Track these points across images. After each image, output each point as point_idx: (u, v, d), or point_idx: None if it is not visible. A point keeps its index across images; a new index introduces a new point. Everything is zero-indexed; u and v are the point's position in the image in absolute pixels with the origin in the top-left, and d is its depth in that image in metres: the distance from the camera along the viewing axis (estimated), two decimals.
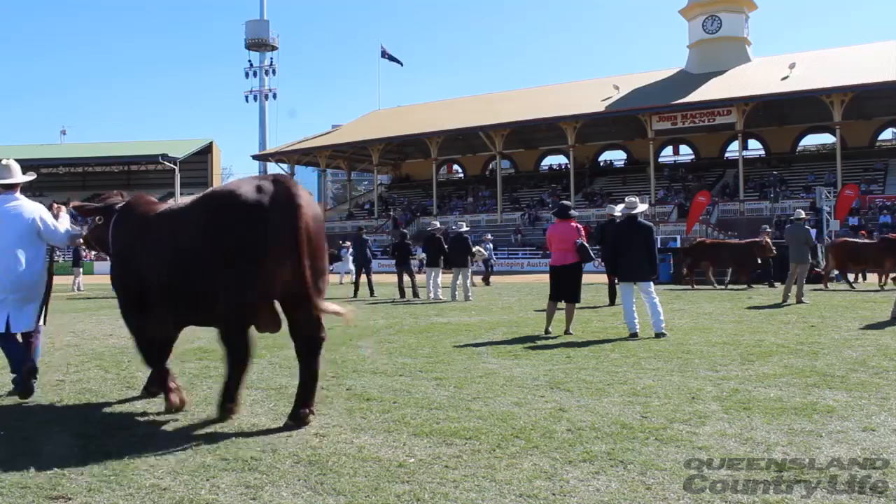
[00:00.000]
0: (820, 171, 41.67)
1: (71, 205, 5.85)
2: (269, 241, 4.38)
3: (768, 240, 19.29)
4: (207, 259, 4.50)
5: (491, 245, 26.23)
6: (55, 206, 6.07)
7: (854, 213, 34.99)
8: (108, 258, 5.66)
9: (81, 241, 6.18)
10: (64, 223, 5.85)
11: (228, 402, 4.80)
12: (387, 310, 13.86)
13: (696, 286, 18.87)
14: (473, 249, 23.16)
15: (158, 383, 5.28)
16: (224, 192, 4.69)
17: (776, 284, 18.49)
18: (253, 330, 4.74)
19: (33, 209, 5.68)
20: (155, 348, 5.20)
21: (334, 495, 3.36)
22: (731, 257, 19.36)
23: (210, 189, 4.92)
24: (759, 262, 18.98)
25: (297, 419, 4.58)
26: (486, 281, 23.52)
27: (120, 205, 5.46)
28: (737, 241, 21.74)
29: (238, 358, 4.71)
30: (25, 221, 5.57)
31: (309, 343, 4.65)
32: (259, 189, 4.47)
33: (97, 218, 5.61)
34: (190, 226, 4.67)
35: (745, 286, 18.50)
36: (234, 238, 4.42)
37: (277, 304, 4.68)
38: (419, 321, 11.36)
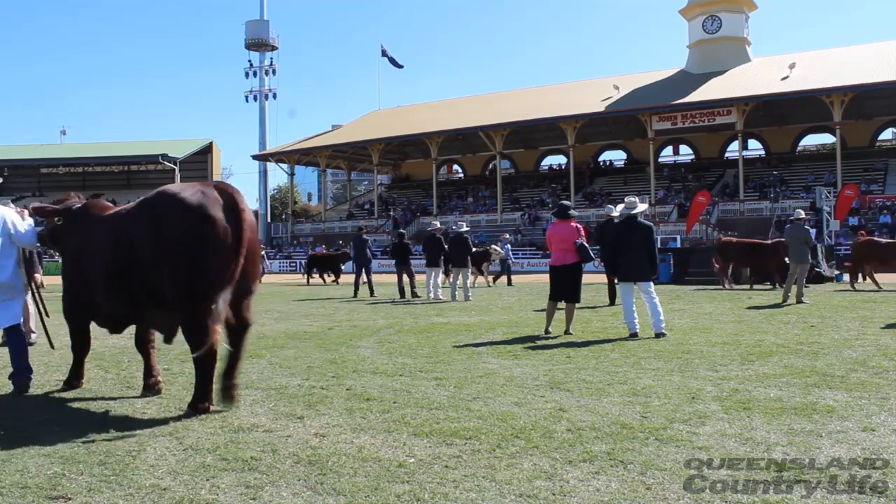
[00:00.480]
0: (820, 171, 41.69)
1: (31, 206, 6.17)
2: (218, 242, 4.76)
3: None
4: (159, 258, 4.85)
5: (509, 245, 25.59)
6: (16, 208, 6.29)
7: (854, 213, 35.00)
8: (62, 256, 6.14)
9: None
10: (28, 223, 6.17)
11: (200, 401, 4.97)
12: (387, 310, 13.86)
13: (707, 286, 18.65)
14: (490, 249, 23.14)
15: (74, 369, 5.96)
16: (169, 199, 4.94)
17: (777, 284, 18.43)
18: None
19: (2, 213, 5.91)
20: (84, 340, 5.90)
21: (334, 495, 3.36)
22: (760, 256, 18.91)
23: (157, 193, 5.19)
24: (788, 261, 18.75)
25: (225, 388, 5.00)
26: (507, 281, 23.14)
27: (77, 206, 5.87)
28: (765, 240, 21.36)
29: (206, 352, 4.86)
30: None
31: (239, 330, 5.11)
32: (206, 195, 4.86)
33: (56, 218, 5.94)
34: (142, 227, 4.99)
35: (748, 286, 18.43)
36: (189, 238, 4.75)
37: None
38: (419, 321, 11.36)
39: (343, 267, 27.40)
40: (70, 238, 5.73)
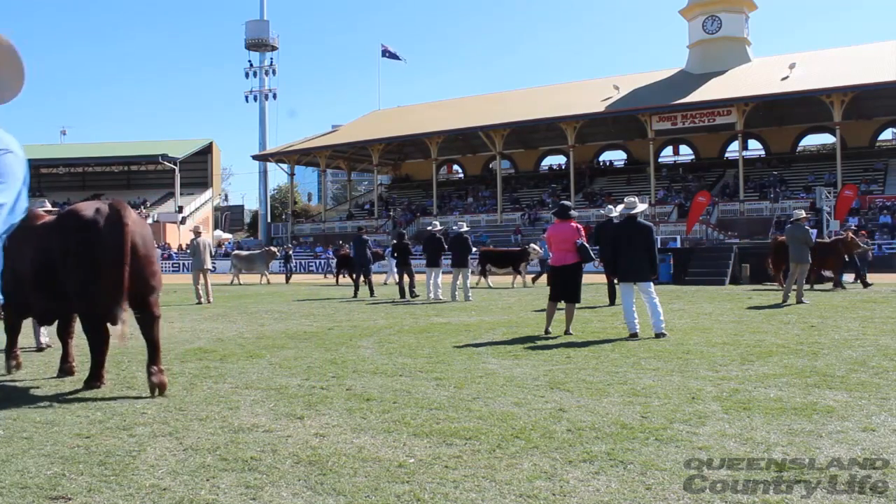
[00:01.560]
0: (820, 171, 41.66)
1: None
2: (101, 252, 5.54)
3: (852, 235, 18.86)
4: (61, 266, 5.70)
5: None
6: None
7: (854, 214, 34.98)
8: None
9: None
10: None
11: (94, 380, 5.98)
12: (387, 310, 13.86)
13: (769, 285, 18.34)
14: (528, 248, 22.94)
15: (7, 351, 6.73)
16: (70, 214, 5.86)
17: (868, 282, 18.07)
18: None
19: None
20: (15, 330, 6.76)
21: (334, 495, 3.36)
22: (817, 256, 17.78)
23: (66, 209, 6.16)
24: (847, 259, 18.45)
25: (151, 374, 5.67)
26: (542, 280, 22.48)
27: None
28: (822, 239, 20.97)
29: (98, 343, 5.95)
30: None
31: (145, 319, 5.92)
32: (97, 211, 5.69)
33: None
34: (49, 240, 5.84)
35: (832, 287, 18.05)
36: (78, 250, 5.59)
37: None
38: (419, 321, 11.36)
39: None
40: (8, 242, 6.17)
